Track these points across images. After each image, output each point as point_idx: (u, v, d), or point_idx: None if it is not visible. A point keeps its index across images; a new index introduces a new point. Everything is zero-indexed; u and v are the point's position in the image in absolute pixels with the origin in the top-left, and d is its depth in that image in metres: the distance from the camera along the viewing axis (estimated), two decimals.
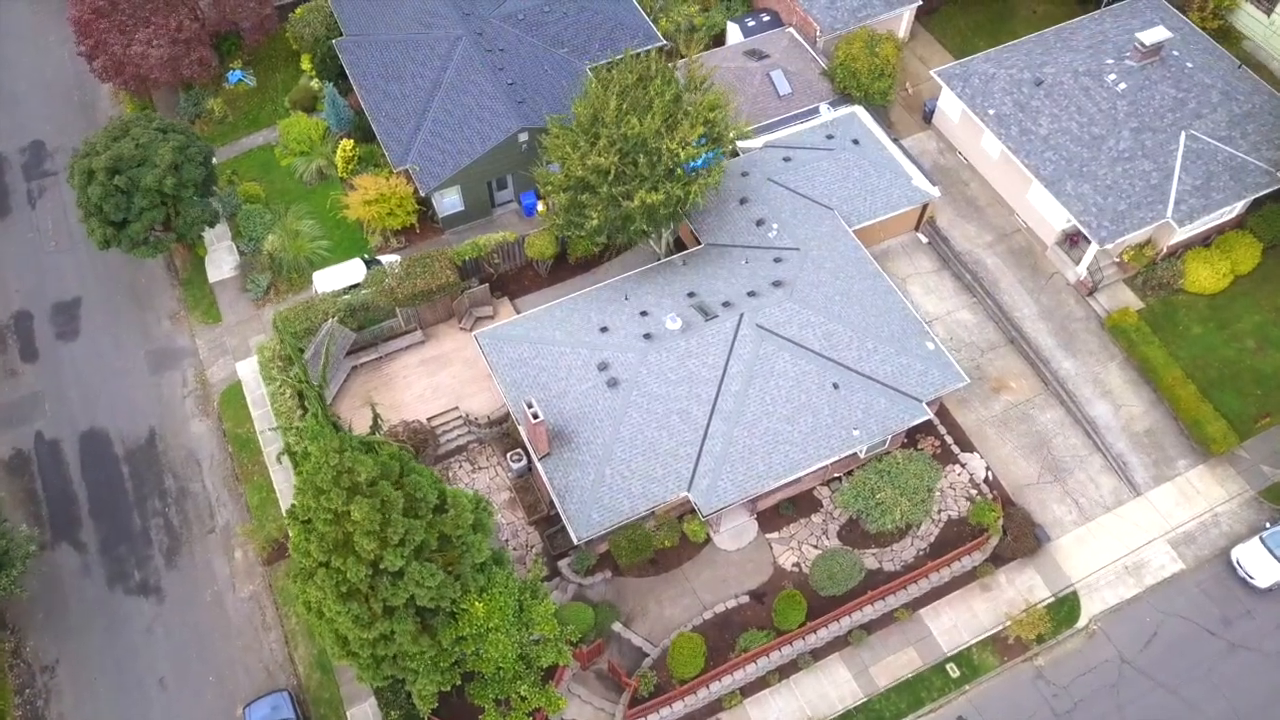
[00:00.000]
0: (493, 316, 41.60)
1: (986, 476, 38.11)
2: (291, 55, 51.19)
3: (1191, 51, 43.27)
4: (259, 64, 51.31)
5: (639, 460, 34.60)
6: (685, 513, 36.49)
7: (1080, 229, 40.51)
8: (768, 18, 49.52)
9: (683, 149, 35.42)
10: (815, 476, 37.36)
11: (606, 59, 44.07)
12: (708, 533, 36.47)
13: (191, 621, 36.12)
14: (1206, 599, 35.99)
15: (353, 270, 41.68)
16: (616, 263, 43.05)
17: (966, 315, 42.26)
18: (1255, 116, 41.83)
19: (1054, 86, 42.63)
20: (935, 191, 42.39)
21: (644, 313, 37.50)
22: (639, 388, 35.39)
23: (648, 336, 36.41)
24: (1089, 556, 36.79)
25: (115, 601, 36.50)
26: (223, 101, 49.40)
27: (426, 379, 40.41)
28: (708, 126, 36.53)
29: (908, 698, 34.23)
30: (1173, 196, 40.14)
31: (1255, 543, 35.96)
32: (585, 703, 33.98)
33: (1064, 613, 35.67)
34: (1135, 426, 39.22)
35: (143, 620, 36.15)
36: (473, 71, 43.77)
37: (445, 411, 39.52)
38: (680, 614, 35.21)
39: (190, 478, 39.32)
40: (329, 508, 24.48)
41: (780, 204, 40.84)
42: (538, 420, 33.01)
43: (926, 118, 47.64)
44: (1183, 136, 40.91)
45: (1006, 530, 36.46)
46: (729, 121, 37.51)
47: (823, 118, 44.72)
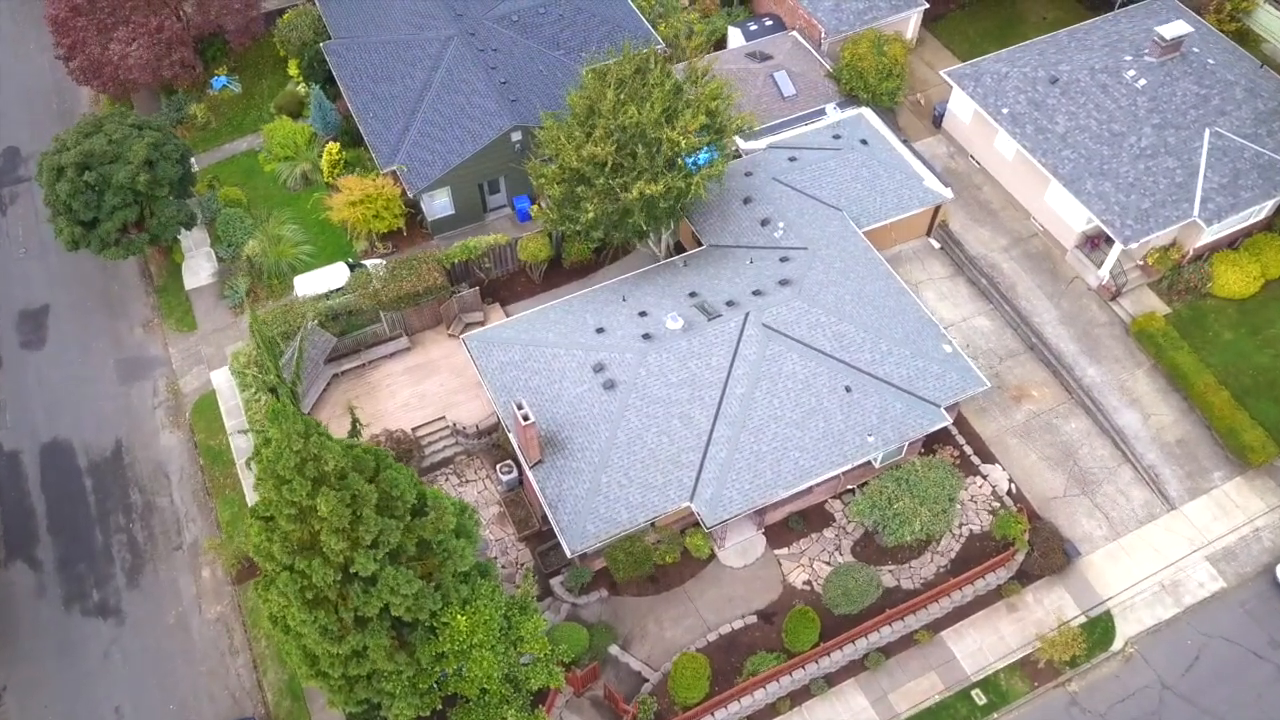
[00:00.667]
0: (483, 322, 39.34)
1: (1009, 489, 35.62)
2: (278, 61, 49.58)
3: (1211, 49, 41.63)
4: (245, 70, 49.67)
5: (638, 468, 32.11)
6: (687, 525, 33.91)
7: (1102, 228, 38.47)
8: (770, 22, 47.99)
9: (683, 138, 33.46)
10: (826, 488, 34.87)
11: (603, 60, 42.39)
12: (712, 548, 33.88)
13: (153, 645, 33.34)
14: (1251, 620, 33.31)
15: (336, 275, 39.44)
16: (614, 267, 40.96)
17: (983, 322, 40.05)
18: None
19: (1070, 84, 40.88)
20: (948, 193, 40.42)
21: (643, 313, 35.26)
22: (638, 390, 33.03)
23: (647, 337, 34.12)
24: (1122, 574, 34.17)
25: (71, 624, 33.74)
26: (206, 107, 47.64)
27: (412, 387, 38.04)
28: (710, 117, 34.61)
29: None
30: (1199, 194, 38.16)
31: None
32: None
33: (1098, 634, 32.96)
34: (1166, 436, 36.80)
35: (100, 644, 33.36)
36: (464, 71, 42.04)
37: (431, 421, 37.10)
38: (682, 635, 32.49)
39: (158, 492, 36.76)
40: (292, 500, 21.95)
41: (786, 204, 38.82)
42: (528, 422, 30.60)
43: (936, 122, 45.88)
44: (1207, 134, 39.05)
45: (1033, 546, 33.86)
46: (731, 113, 35.61)
47: (829, 118, 42.93)
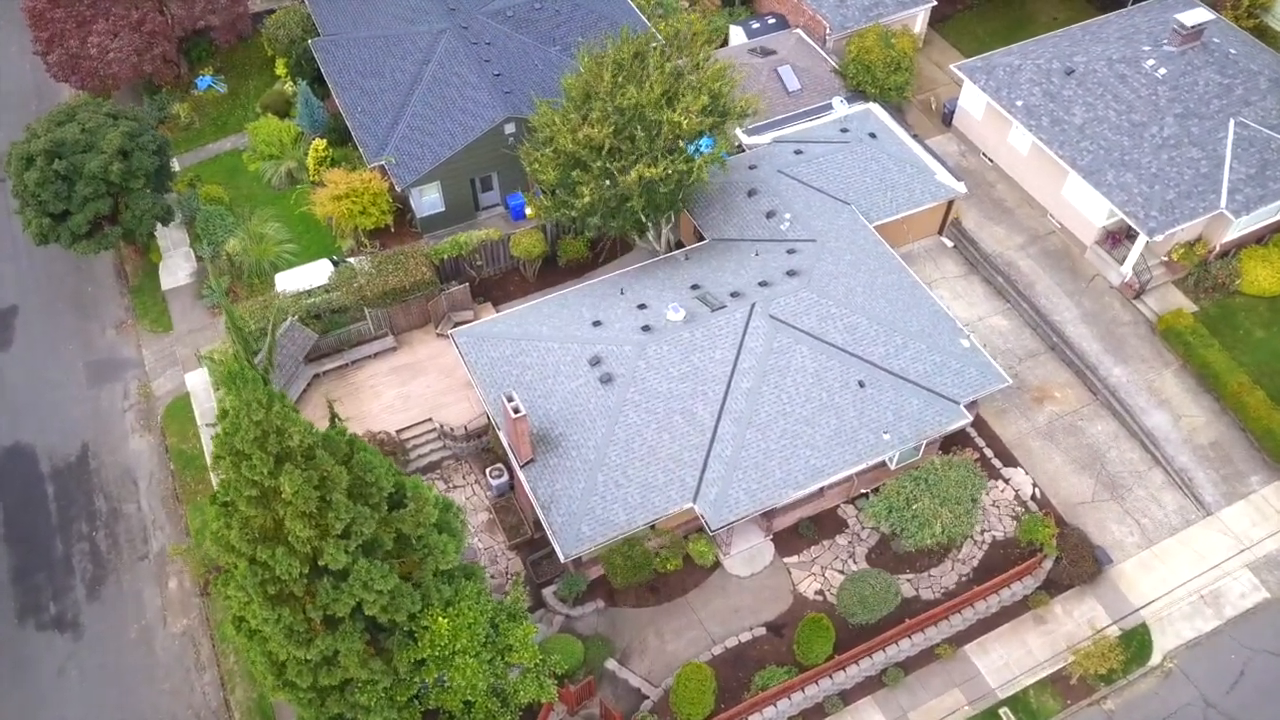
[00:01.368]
0: (474, 321, 37.30)
1: (1033, 493, 33.36)
2: (266, 62, 48.05)
3: (1232, 40, 40.09)
4: (231, 71, 48.12)
5: (636, 466, 29.87)
6: (690, 531, 31.59)
7: (1125, 222, 36.63)
8: (773, 20, 46.57)
9: (685, 118, 31.67)
10: (839, 492, 32.60)
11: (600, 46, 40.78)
12: (716, 555, 31.52)
13: (112, 661, 30.83)
14: None
15: (319, 272, 37.49)
16: (611, 265, 38.99)
17: (1000, 321, 38.03)
18: None
19: (1087, 75, 39.26)
20: (961, 187, 38.61)
21: (642, 305, 33.23)
22: (636, 384, 30.88)
23: (646, 329, 32.05)
24: (1157, 584, 31.79)
25: (24, 638, 31.25)
26: (189, 107, 45.99)
27: (397, 388, 35.89)
28: (712, 99, 32.84)
29: None
30: (1225, 186, 36.35)
31: None
32: None
33: (1134, 648, 30.50)
34: (1199, 438, 34.61)
35: (54, 660, 30.84)
36: (456, 64, 40.41)
37: (417, 423, 34.91)
38: (685, 649, 30.02)
39: (124, 498, 34.43)
40: (252, 479, 19.72)
41: (792, 197, 36.96)
42: (519, 415, 28.42)
43: (946, 120, 44.22)
44: (1231, 124, 37.34)
45: (1061, 553, 31.53)
46: (735, 94, 33.88)
47: (836, 112, 41.27)
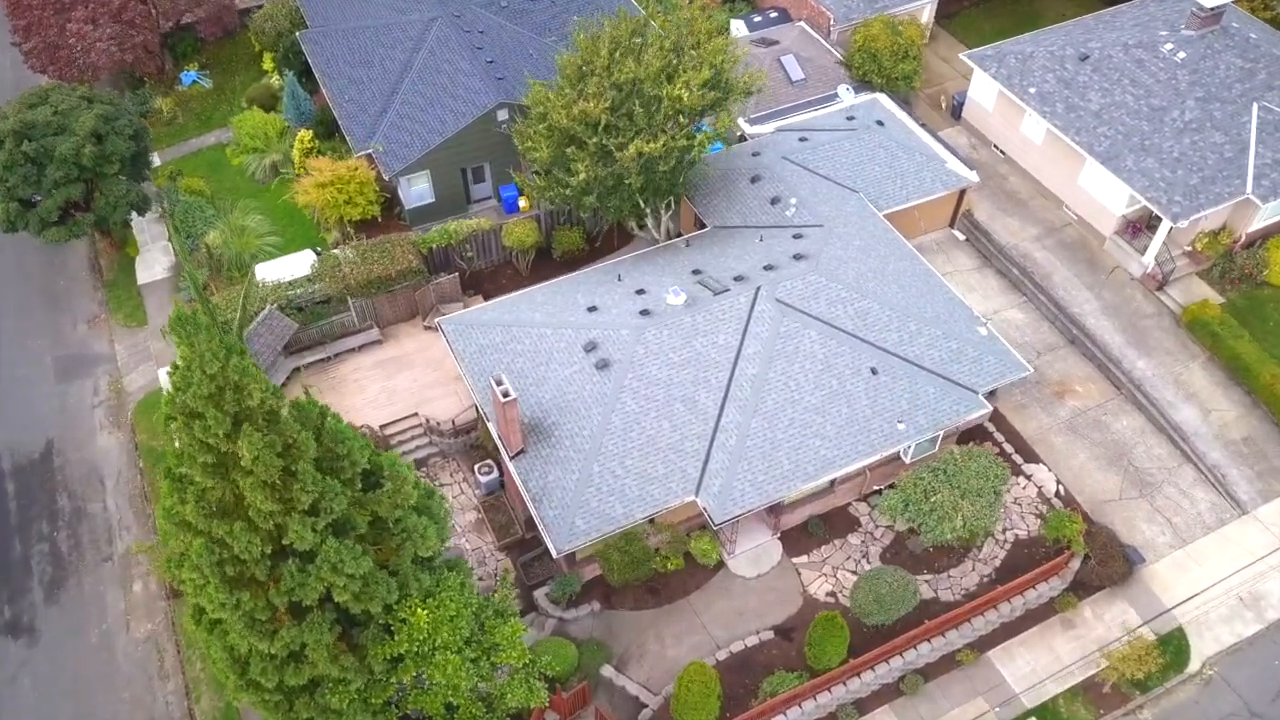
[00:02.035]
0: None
1: (1057, 490, 31.35)
2: (253, 58, 46.67)
3: (1252, 25, 38.68)
4: (217, 67, 46.74)
5: (635, 456, 27.88)
6: (694, 528, 29.51)
7: (1147, 209, 34.97)
8: (775, 14, 45.27)
9: (685, 91, 30.08)
10: (850, 488, 30.58)
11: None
12: (720, 554, 29.41)
13: (69, 668, 28.59)
14: None
15: (301, 263, 35.71)
16: (609, 258, 37.22)
17: (1016, 314, 36.22)
18: None
19: (1102, 61, 37.79)
20: (973, 175, 36.98)
21: (640, 291, 31.44)
22: (635, 370, 28.98)
23: (645, 313, 30.21)
24: (1192, 585, 29.67)
25: None
26: (173, 102, 44.55)
27: (382, 382, 33.96)
28: (714, 72, 31.25)
29: None
30: (1251, 170, 34.72)
31: None
32: None
33: (1170, 654, 28.31)
34: (1230, 433, 32.65)
35: (8, 667, 28.60)
36: (448, 51, 38.94)
37: (402, 418, 32.94)
38: (687, 654, 27.78)
39: (90, 497, 32.36)
40: (206, 441, 17.73)
41: (797, 183, 35.31)
42: (508, 399, 26.48)
43: (955, 113, 42.72)
44: (1255, 108, 35.78)
45: (1089, 553, 29.46)
46: (738, 70, 32.31)
47: (842, 100, 39.79)
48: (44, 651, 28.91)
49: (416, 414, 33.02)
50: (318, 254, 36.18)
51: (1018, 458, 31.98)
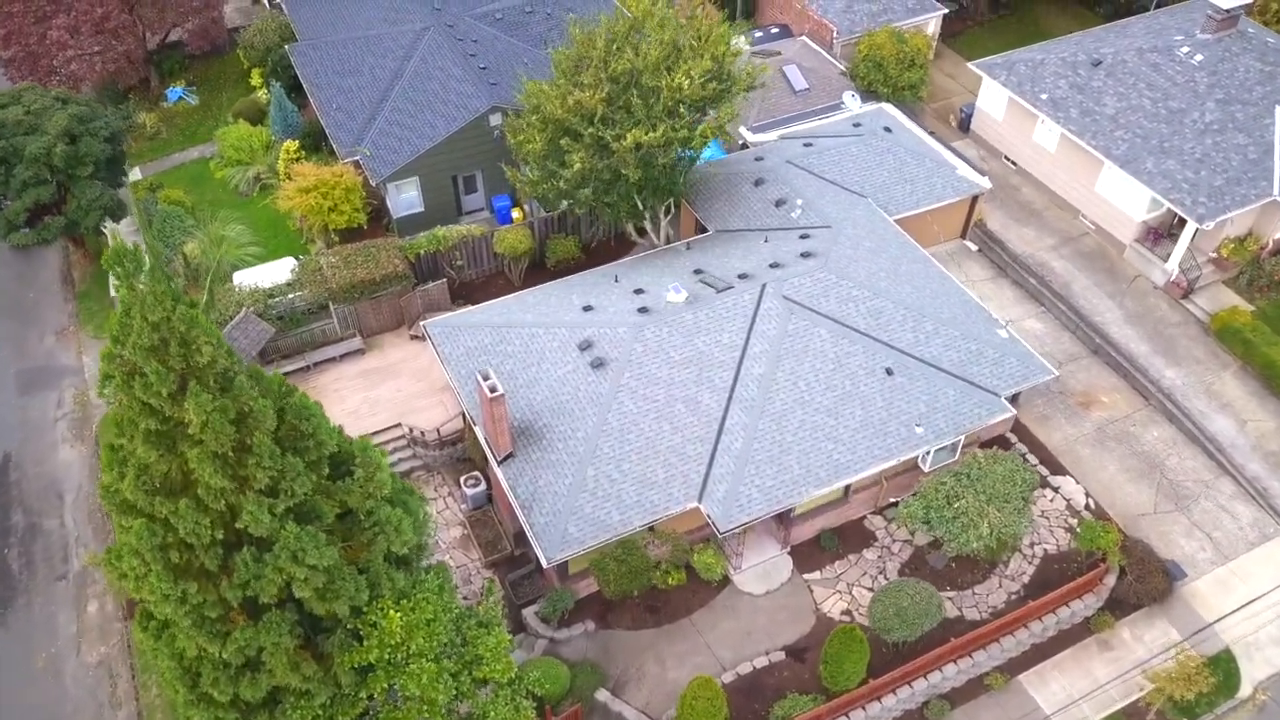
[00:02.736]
0: None
1: (1087, 504, 29.18)
2: (241, 76, 45.51)
3: (1267, 31, 37.55)
4: (205, 85, 45.60)
5: (633, 459, 25.76)
6: (698, 541, 27.25)
7: (1169, 212, 33.40)
8: (776, 30, 44.30)
9: (686, 79, 28.63)
10: (865, 500, 28.41)
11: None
12: (725, 569, 27.12)
13: (11, 697, 26.06)
14: None
15: (282, 270, 33.96)
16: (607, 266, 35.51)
17: (1035, 324, 34.39)
18: None
19: (1116, 65, 36.58)
20: (985, 182, 35.48)
21: (639, 290, 29.62)
22: (633, 369, 27.00)
23: (643, 311, 28.36)
24: (1237, 604, 27.36)
25: None
26: (157, 117, 43.26)
27: (364, 392, 31.93)
28: (715, 64, 29.86)
29: None
30: (1277, 172, 33.25)
31: None
32: None
33: (1218, 677, 25.86)
34: (1269, 444, 30.60)
35: None
36: (440, 59, 37.74)
37: (385, 429, 30.86)
38: (690, 676, 25.07)
39: (46, 513, 30.11)
40: (148, 402, 15.67)
41: (803, 186, 33.73)
42: (495, 394, 24.46)
43: (963, 125, 41.43)
44: (1278, 110, 34.44)
45: (1125, 569, 27.21)
46: (740, 63, 30.94)
47: (847, 107, 38.49)
48: None
49: (400, 425, 30.96)
50: (299, 262, 34.44)
51: (1044, 470, 29.88)
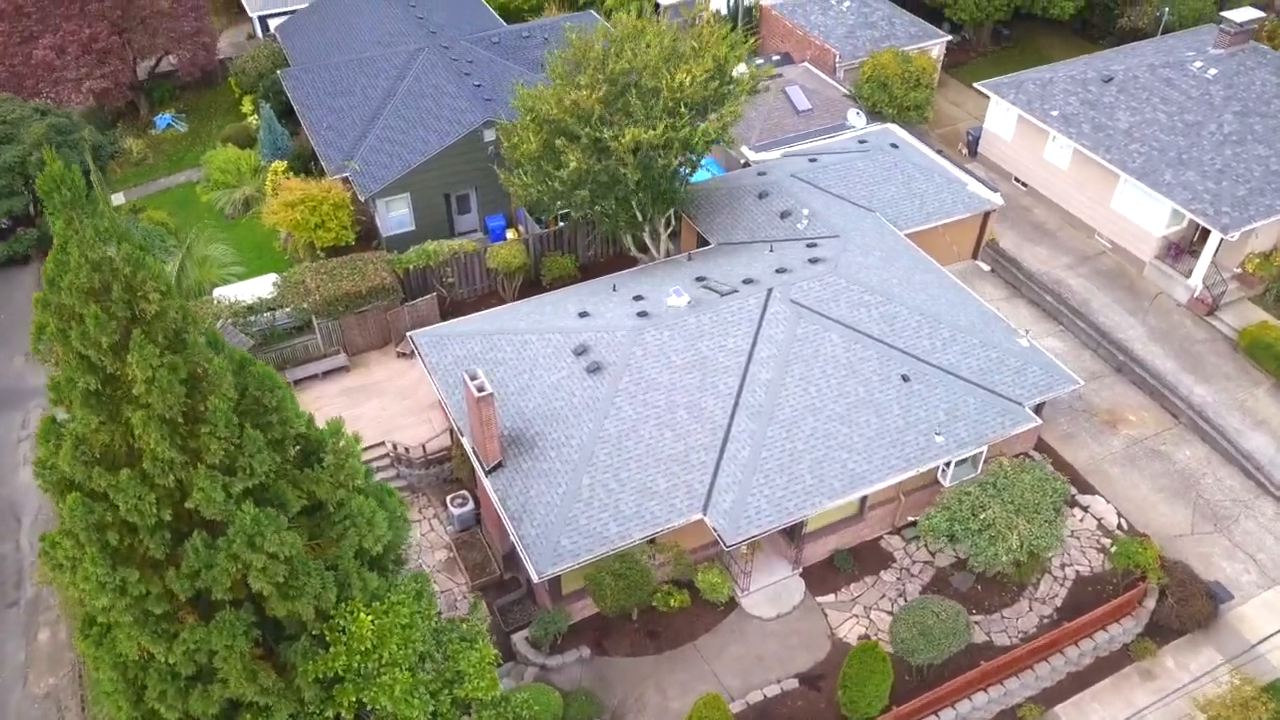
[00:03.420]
0: None
1: (1119, 524, 27.18)
2: (233, 105, 44.71)
3: (1278, 55, 36.76)
4: (195, 114, 44.77)
5: (632, 467, 23.85)
6: (702, 560, 25.18)
7: (1190, 224, 32.06)
8: (778, 58, 43.59)
9: (688, 75, 27.50)
10: (882, 518, 26.44)
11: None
12: (732, 590, 24.99)
13: None
14: None
15: (263, 285, 32.41)
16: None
17: (1054, 343, 32.76)
18: None
19: (1128, 81, 35.64)
20: (997, 198, 34.23)
21: (638, 297, 28.05)
22: (632, 373, 25.27)
23: (643, 315, 26.74)
24: None
25: None
26: (144, 144, 42.23)
27: (347, 410, 30.07)
28: (717, 64, 28.79)
29: None
30: None
31: None
32: None
33: (1276, 704, 23.57)
34: None
35: None
36: (434, 77, 36.84)
37: (368, 447, 28.95)
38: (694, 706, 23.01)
39: (2, 536, 28.04)
40: (86, 355, 13.91)
41: (809, 199, 32.42)
42: (483, 394, 22.68)
43: (970, 149, 40.39)
44: None
45: (1165, 591, 25.11)
46: (743, 66, 29.88)
47: (851, 124, 37.46)
48: None
49: (383, 443, 29.10)
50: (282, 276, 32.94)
51: (1072, 488, 27.91)
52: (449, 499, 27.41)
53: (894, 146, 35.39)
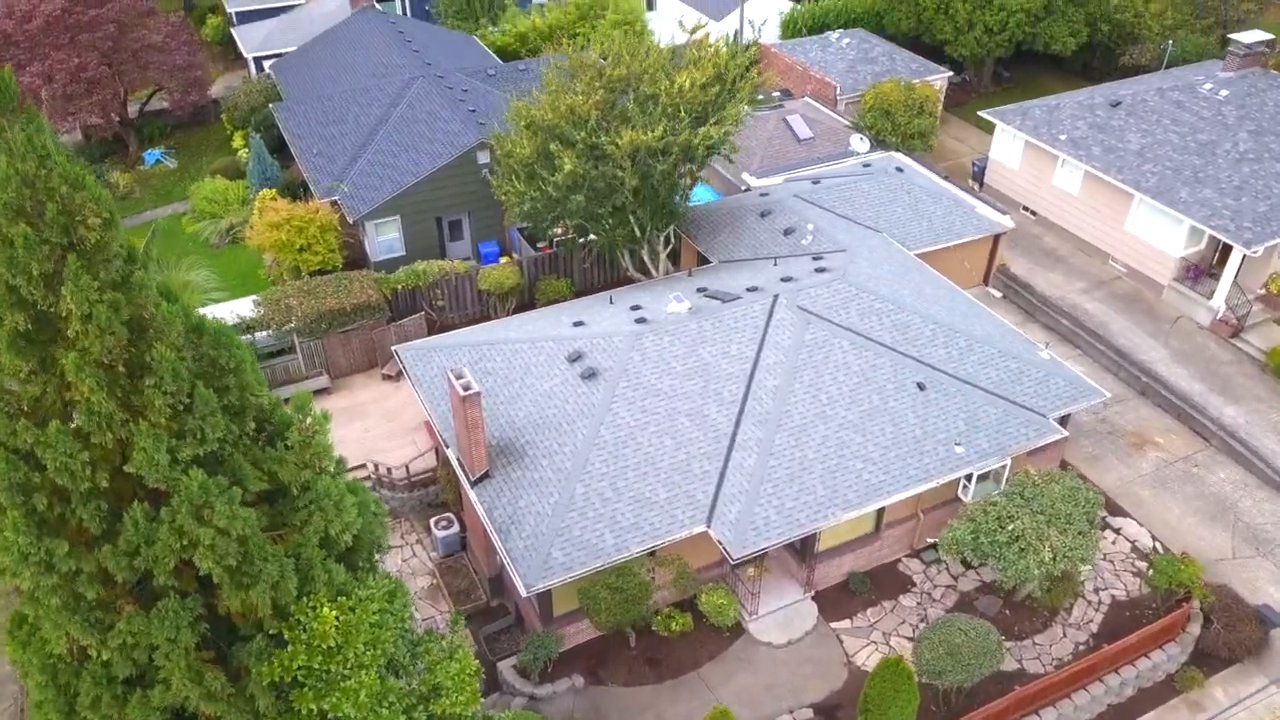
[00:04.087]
0: None
1: (1154, 547, 25.26)
2: (224, 142, 43.96)
3: None
4: (186, 150, 43.98)
5: (629, 476, 22.07)
6: (706, 583, 23.18)
7: (1215, 236, 30.86)
8: (778, 94, 43.02)
9: (689, 79, 26.56)
10: (899, 538, 24.54)
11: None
12: (738, 614, 22.93)
13: None
14: None
15: (244, 306, 31.00)
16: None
17: (1074, 367, 31.05)
18: None
19: (1136, 105, 34.87)
20: (1008, 221, 33.17)
21: (637, 306, 26.59)
22: (629, 378, 23.65)
23: (642, 321, 25.25)
24: None
25: None
26: (132, 179, 41.33)
27: (332, 433, 28.32)
28: (719, 70, 27.88)
29: None
30: None
31: None
32: None
33: None
34: None
35: None
36: (428, 103, 36.09)
37: (350, 470, 27.11)
38: None
39: None
40: (13, 285, 12.32)
41: (813, 218, 31.25)
42: (469, 392, 21.05)
43: (976, 178, 39.46)
44: None
45: (1210, 617, 23.09)
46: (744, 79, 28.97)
47: (854, 150, 36.58)
48: None
49: (365, 465, 27.33)
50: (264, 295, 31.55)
51: (1102, 511, 26.05)
52: (433, 522, 25.53)
53: (899, 170, 34.43)
